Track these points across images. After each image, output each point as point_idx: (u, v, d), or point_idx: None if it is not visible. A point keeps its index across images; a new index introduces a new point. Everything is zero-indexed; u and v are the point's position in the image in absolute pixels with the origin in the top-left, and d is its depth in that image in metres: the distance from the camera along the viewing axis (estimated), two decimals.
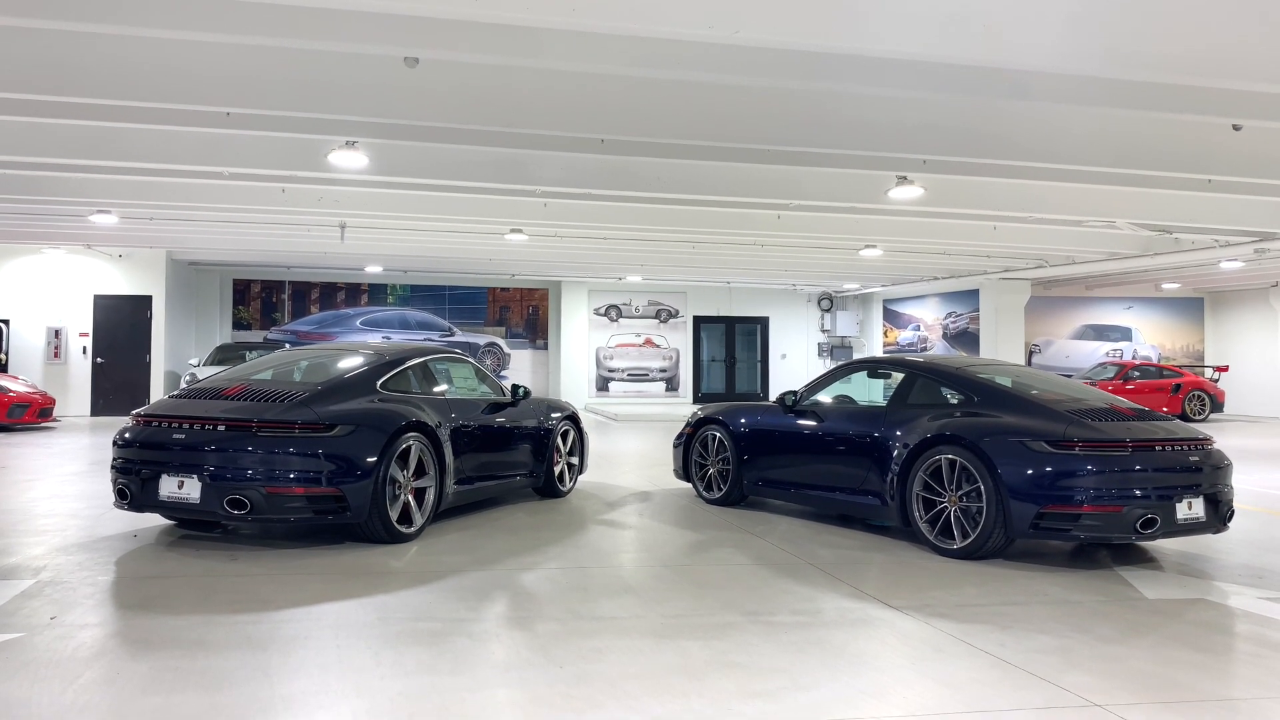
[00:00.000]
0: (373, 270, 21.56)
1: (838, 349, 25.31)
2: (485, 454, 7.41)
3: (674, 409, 20.59)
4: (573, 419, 8.67)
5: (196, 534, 6.41)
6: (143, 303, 18.45)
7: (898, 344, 24.30)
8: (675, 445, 8.60)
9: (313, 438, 5.79)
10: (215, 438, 5.75)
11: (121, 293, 18.41)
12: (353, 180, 10.04)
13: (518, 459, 7.88)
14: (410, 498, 6.27)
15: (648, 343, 24.57)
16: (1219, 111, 6.69)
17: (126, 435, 6.10)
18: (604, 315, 24.26)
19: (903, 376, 7.16)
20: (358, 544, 6.08)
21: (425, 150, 9.08)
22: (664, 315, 24.66)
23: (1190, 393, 19.51)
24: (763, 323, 25.43)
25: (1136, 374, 19.92)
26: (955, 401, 6.64)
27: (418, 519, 6.35)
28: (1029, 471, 5.71)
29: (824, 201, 11.09)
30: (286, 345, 20.04)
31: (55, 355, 18.21)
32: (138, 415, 6.20)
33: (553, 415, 8.37)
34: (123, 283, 18.43)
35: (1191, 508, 5.78)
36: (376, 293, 23.05)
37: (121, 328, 18.42)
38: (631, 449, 13.29)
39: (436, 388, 7.33)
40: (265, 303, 22.41)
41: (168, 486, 5.80)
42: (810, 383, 7.84)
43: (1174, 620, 4.74)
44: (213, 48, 6.25)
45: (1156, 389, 19.07)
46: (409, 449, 6.24)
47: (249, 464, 5.67)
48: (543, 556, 5.97)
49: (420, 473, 6.38)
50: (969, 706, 3.52)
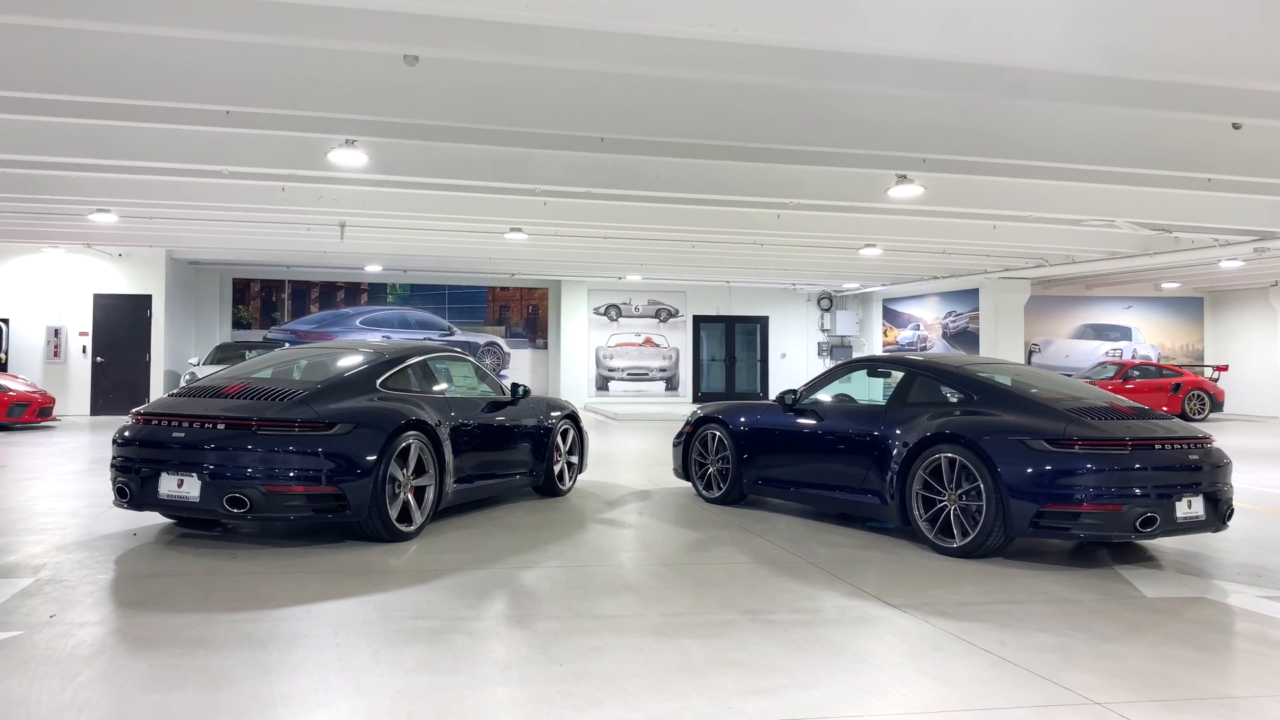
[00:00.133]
0: (372, 269, 21.56)
1: (837, 348, 25.30)
2: (485, 453, 7.41)
3: (674, 408, 20.59)
4: (572, 418, 8.66)
5: (196, 532, 6.41)
6: (142, 302, 18.46)
7: (897, 343, 24.30)
8: (675, 444, 8.60)
9: (312, 436, 5.79)
10: (215, 436, 5.76)
11: (121, 292, 18.41)
12: (352, 179, 10.04)
13: (517, 458, 7.88)
14: (410, 496, 6.27)
15: (647, 342, 24.57)
16: (1219, 110, 6.69)
17: (126, 434, 6.10)
18: (604, 314, 24.26)
19: (902, 375, 7.16)
20: (357, 542, 6.09)
21: (425, 149, 9.08)
22: (664, 315, 24.66)
23: (1190, 392, 19.52)
24: (762, 322, 25.43)
25: (1136, 373, 19.92)
26: (955, 400, 6.64)
27: (417, 518, 6.35)
28: (1029, 470, 5.72)
29: (824, 200, 11.10)
30: (286, 344, 20.04)
31: (55, 354, 18.21)
32: (137, 414, 6.20)
33: (552, 414, 8.37)
34: (122, 282, 18.43)
35: (1191, 506, 5.78)
36: (376, 292, 23.05)
37: (121, 327, 18.43)
38: (631, 448, 13.29)
39: (436, 386, 7.32)
40: (265, 302, 22.40)
41: (167, 485, 5.80)
42: (810, 381, 7.84)
43: (1174, 618, 4.74)
44: (213, 46, 6.25)
45: (1156, 388, 19.07)
46: (409, 447, 6.24)
47: (248, 462, 5.67)
48: (542, 555, 5.97)
49: (420, 471, 6.38)
50: (968, 704, 3.52)
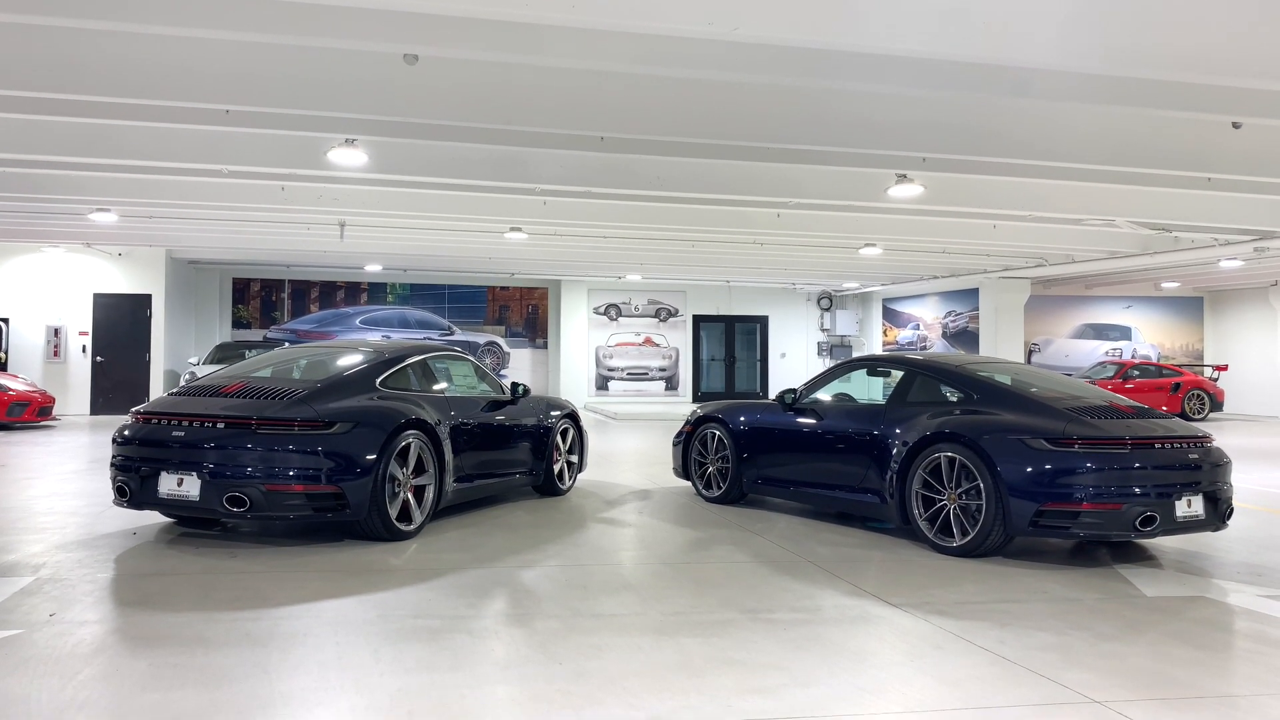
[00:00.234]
0: (372, 269, 21.56)
1: (837, 348, 25.30)
2: (485, 452, 7.41)
3: (673, 408, 20.59)
4: (572, 417, 8.66)
5: (196, 531, 6.41)
6: (142, 301, 18.45)
7: (897, 343, 24.29)
8: (674, 443, 8.60)
9: (312, 435, 5.79)
10: (215, 435, 5.75)
11: (121, 291, 18.41)
12: (352, 178, 10.03)
13: (517, 457, 7.88)
14: (410, 495, 6.27)
15: (647, 341, 24.57)
16: (1218, 109, 6.69)
17: (126, 433, 6.10)
18: (603, 314, 24.26)
19: (902, 374, 7.16)
20: (357, 542, 6.08)
21: (425, 148, 9.07)
22: (663, 314, 24.66)
23: (1190, 392, 19.51)
24: (762, 322, 25.43)
25: (1136, 373, 19.92)
26: (954, 399, 6.63)
27: (417, 517, 6.34)
28: (1028, 469, 5.71)
29: (823, 200, 11.10)
30: (286, 344, 20.03)
31: (55, 354, 18.21)
32: (137, 413, 6.20)
33: (552, 413, 8.37)
34: (122, 281, 18.43)
35: (1191, 505, 5.78)
36: (376, 291, 23.04)
37: (121, 326, 18.42)
38: (631, 447, 13.29)
39: (436, 385, 7.32)
40: (265, 301, 22.40)
41: (167, 484, 5.80)
42: (810, 381, 7.83)
43: (1173, 617, 4.74)
44: (212, 45, 6.25)
45: (1156, 388, 19.07)
46: (408, 446, 6.23)
47: (248, 461, 5.67)
48: (542, 554, 5.97)
49: (420, 470, 6.38)
50: (968, 703, 3.52)
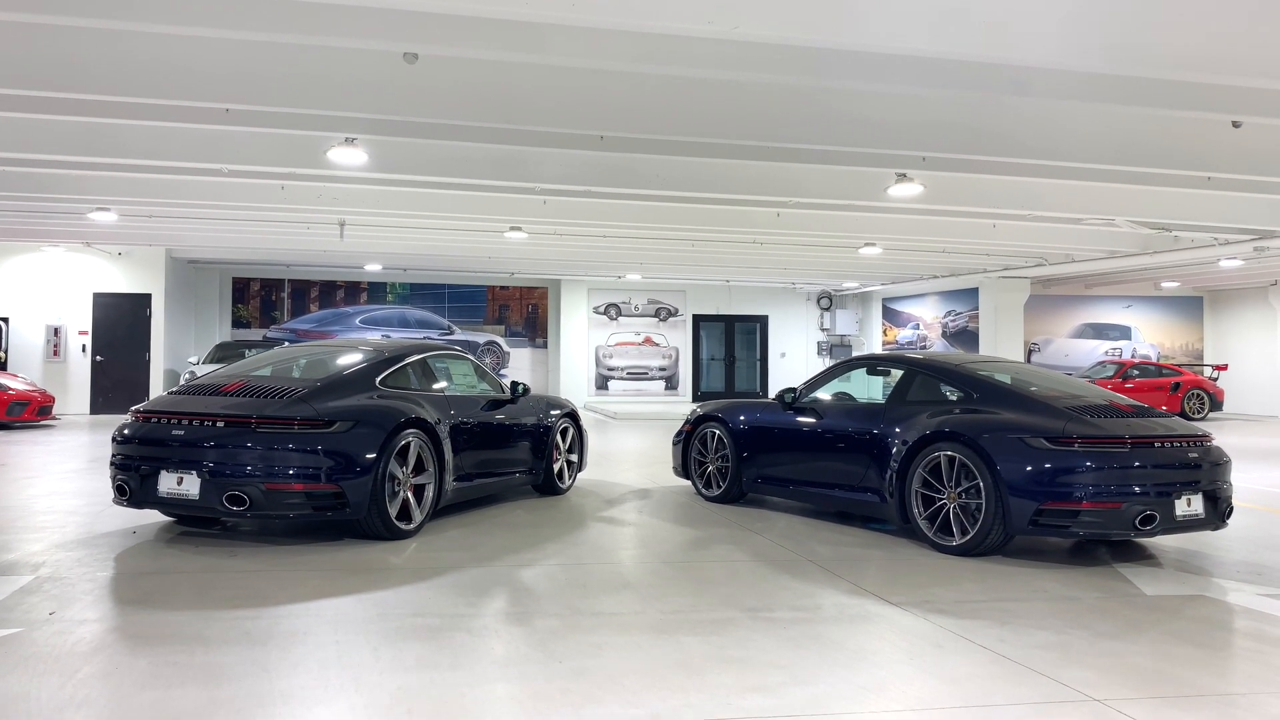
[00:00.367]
0: (372, 269, 21.56)
1: (837, 347, 25.30)
2: (484, 451, 7.40)
3: (673, 407, 20.58)
4: (572, 416, 8.66)
5: (195, 530, 6.41)
6: (142, 301, 18.45)
7: (897, 343, 24.29)
8: (674, 443, 8.60)
9: (312, 434, 5.79)
10: (214, 434, 5.75)
11: (121, 291, 18.41)
12: (352, 177, 10.03)
13: (517, 456, 7.88)
14: (409, 494, 6.26)
15: (647, 341, 24.57)
16: (1218, 108, 6.69)
17: (126, 431, 6.10)
18: (603, 314, 24.25)
19: (902, 373, 7.16)
20: (357, 540, 6.08)
21: (425, 147, 9.07)
22: (663, 314, 24.66)
23: (1189, 391, 19.51)
24: (762, 321, 25.42)
25: (1136, 373, 19.92)
26: (954, 398, 6.63)
27: (417, 516, 6.34)
28: (1028, 468, 5.71)
29: (823, 199, 11.10)
30: (285, 343, 20.02)
31: (55, 353, 18.21)
32: (137, 411, 6.20)
33: (552, 412, 8.36)
34: (122, 281, 18.43)
35: (1190, 504, 5.78)
36: (376, 291, 23.04)
37: (121, 326, 18.42)
38: (631, 447, 13.29)
39: (436, 384, 7.32)
40: (264, 301, 22.40)
41: (167, 483, 5.80)
42: (809, 380, 7.83)
43: (1173, 616, 4.74)
44: (212, 43, 6.25)
45: (1156, 388, 19.07)
46: (408, 445, 6.23)
47: (248, 460, 5.67)
48: (542, 553, 5.97)
49: (419, 469, 6.38)
50: (968, 701, 3.52)
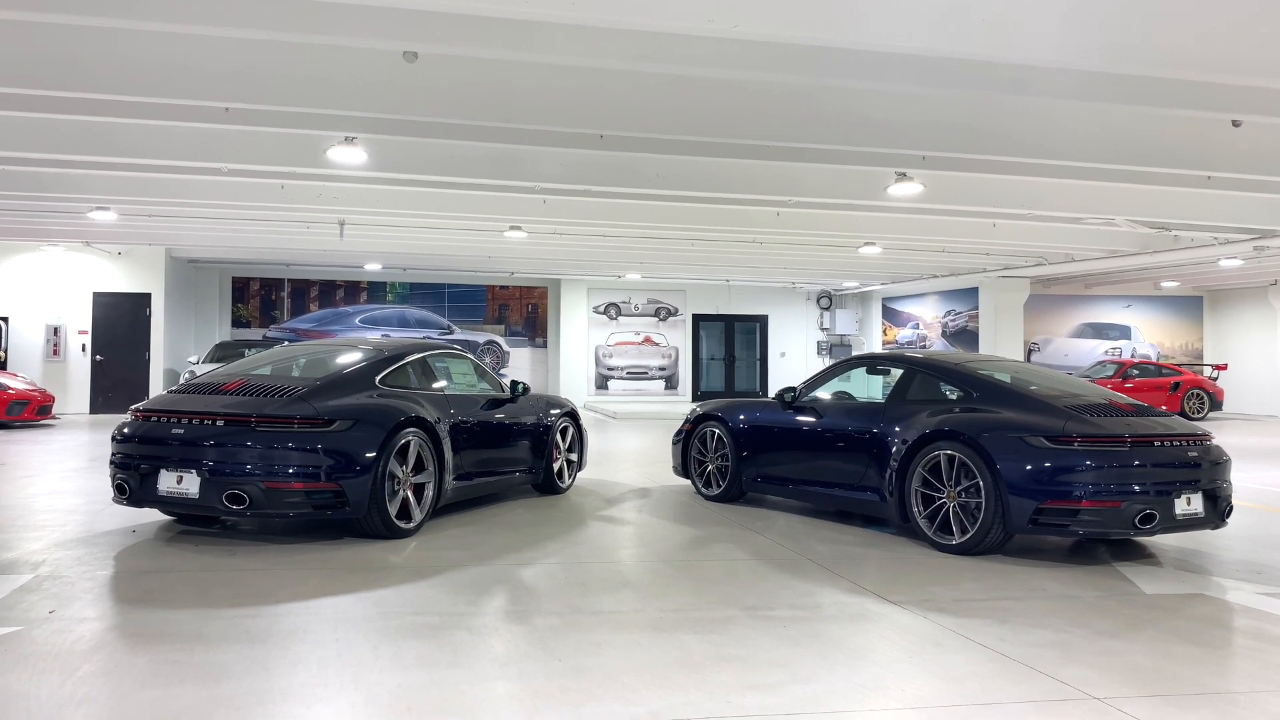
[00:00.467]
0: (372, 268, 21.56)
1: (837, 347, 25.30)
2: (484, 450, 7.40)
3: (673, 407, 20.56)
4: (572, 415, 8.66)
5: (195, 529, 6.41)
6: (142, 300, 18.45)
7: (897, 342, 24.29)
8: (674, 442, 8.60)
9: (311, 433, 5.79)
10: (214, 433, 5.75)
11: (121, 290, 18.41)
12: (352, 176, 10.03)
13: (517, 455, 7.88)
14: (409, 493, 6.26)
15: (647, 341, 24.57)
16: (1218, 107, 6.69)
17: (125, 430, 6.10)
18: (603, 313, 24.25)
19: (901, 372, 7.15)
20: (356, 539, 6.08)
21: (424, 146, 9.07)
22: (663, 313, 24.65)
23: (1189, 391, 19.51)
24: (762, 321, 25.42)
25: (1135, 372, 19.93)
26: (954, 397, 6.63)
27: (416, 515, 6.34)
28: (1028, 467, 5.71)
29: (823, 198, 11.10)
30: (285, 343, 20.01)
31: (54, 353, 18.20)
32: (137, 410, 6.20)
33: (552, 411, 8.36)
34: (122, 280, 18.43)
35: (1190, 503, 5.78)
36: (375, 290, 23.04)
37: (121, 325, 18.42)
38: (631, 446, 13.29)
39: (435, 383, 7.32)
40: (264, 300, 22.40)
41: (166, 481, 5.80)
42: (809, 379, 7.83)
43: (1173, 615, 4.74)
44: (211, 42, 6.25)
45: (1155, 387, 19.07)
46: (408, 444, 6.23)
47: (248, 459, 5.67)
48: (541, 552, 5.97)
49: (419, 468, 6.38)
50: (967, 700, 3.52)
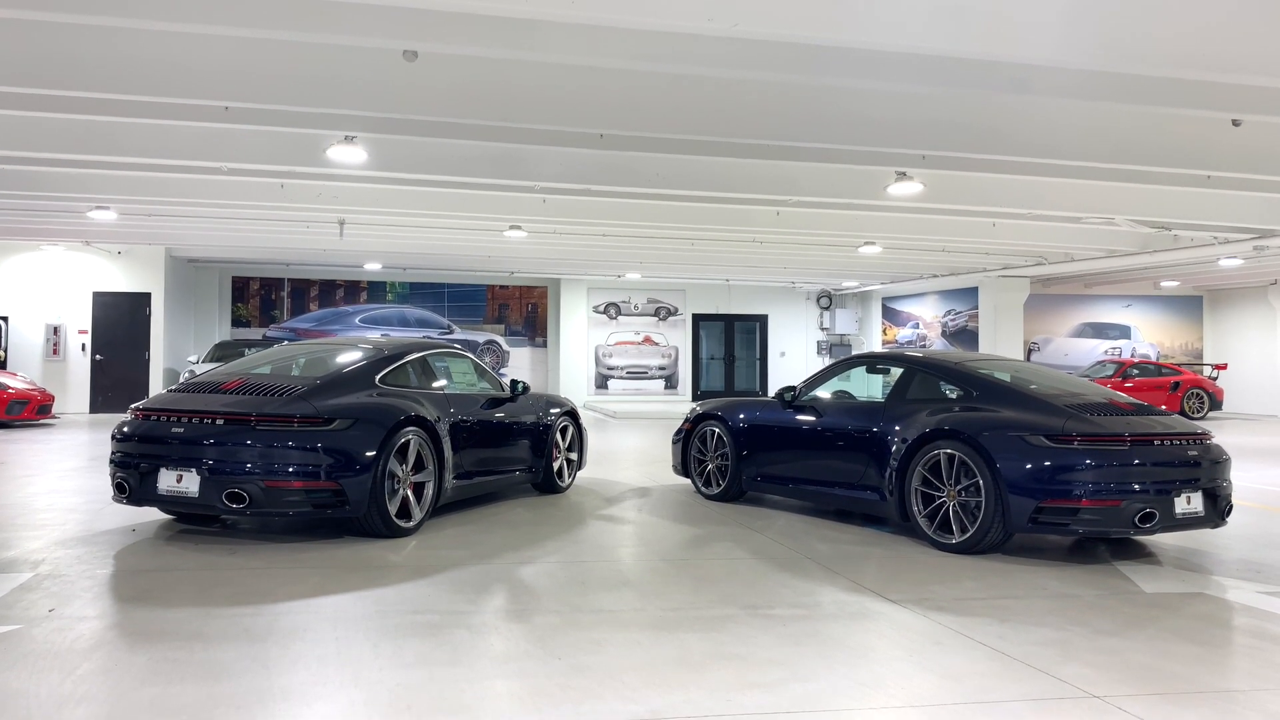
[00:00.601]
0: (372, 268, 21.55)
1: (836, 347, 25.31)
2: (484, 449, 7.40)
3: (673, 406, 20.56)
4: (572, 414, 8.65)
5: (195, 528, 6.41)
6: (142, 300, 18.45)
7: (896, 342, 24.29)
8: (674, 441, 8.60)
9: (311, 432, 5.79)
10: (214, 432, 5.75)
11: (120, 290, 18.41)
12: (352, 176, 10.03)
13: (517, 454, 7.88)
14: (409, 492, 6.26)
15: (647, 340, 24.57)
16: (1218, 106, 6.69)
17: (125, 429, 6.10)
18: (603, 313, 24.25)
19: (901, 371, 7.16)
20: (356, 538, 6.08)
21: (424, 145, 9.07)
22: (663, 313, 24.65)
23: (1189, 390, 19.52)
24: (762, 321, 25.43)
25: (1135, 372, 19.93)
26: (954, 396, 6.63)
27: (416, 513, 6.34)
28: (1028, 466, 5.71)
29: (823, 197, 11.09)
30: (285, 342, 20.01)
31: (54, 352, 18.20)
32: (137, 409, 6.20)
33: (551, 411, 8.36)
34: (122, 280, 18.43)
35: (1190, 502, 5.78)
36: (375, 290, 23.04)
37: (120, 325, 18.42)
38: (630, 446, 13.29)
39: (435, 383, 7.32)
40: (264, 300, 22.40)
41: (166, 480, 5.80)
42: (809, 378, 7.83)
43: (1172, 614, 4.74)
44: (211, 41, 6.25)
45: (1155, 387, 19.08)
46: (408, 443, 6.23)
47: (247, 458, 5.67)
48: (541, 551, 5.97)
49: (419, 467, 6.38)
50: (967, 698, 3.52)
